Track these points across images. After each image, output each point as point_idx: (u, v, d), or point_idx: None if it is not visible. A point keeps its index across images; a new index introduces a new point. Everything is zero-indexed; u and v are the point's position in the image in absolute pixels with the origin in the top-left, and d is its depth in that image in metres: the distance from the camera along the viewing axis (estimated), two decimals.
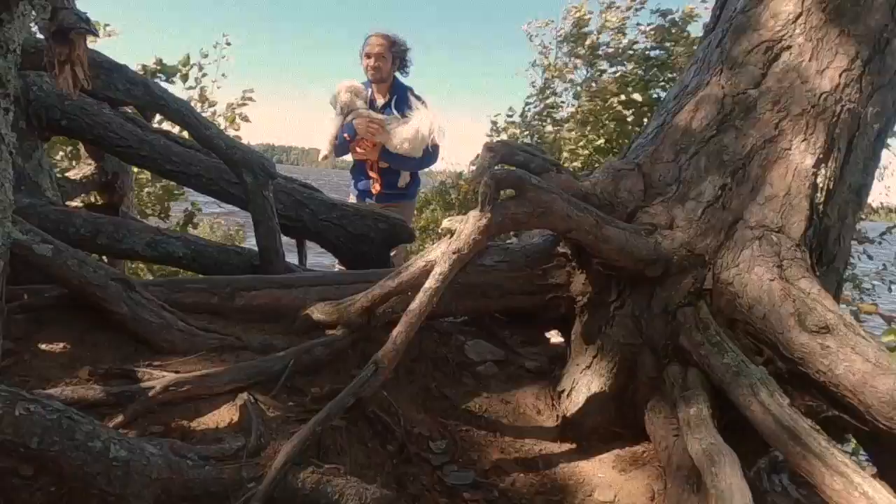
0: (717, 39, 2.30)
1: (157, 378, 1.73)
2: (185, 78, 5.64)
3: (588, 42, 6.65)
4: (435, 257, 1.93)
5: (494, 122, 7.51)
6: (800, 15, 2.13)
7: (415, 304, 1.85)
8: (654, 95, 6.44)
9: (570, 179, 2.15)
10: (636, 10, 6.67)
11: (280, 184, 2.88)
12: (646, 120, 6.40)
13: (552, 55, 7.08)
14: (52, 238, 1.92)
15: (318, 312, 2.13)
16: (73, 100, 2.12)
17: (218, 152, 2.43)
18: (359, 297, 2.06)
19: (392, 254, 3.26)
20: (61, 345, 1.93)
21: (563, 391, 2.23)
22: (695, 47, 6.49)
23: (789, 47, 2.13)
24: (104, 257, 2.77)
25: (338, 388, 1.92)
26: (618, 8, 6.73)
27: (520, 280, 2.29)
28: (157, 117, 2.93)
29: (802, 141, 2.08)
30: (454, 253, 1.86)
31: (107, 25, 5.24)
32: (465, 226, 1.87)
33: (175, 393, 1.71)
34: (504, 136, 7.56)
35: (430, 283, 1.86)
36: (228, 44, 5.90)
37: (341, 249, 3.06)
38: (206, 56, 5.72)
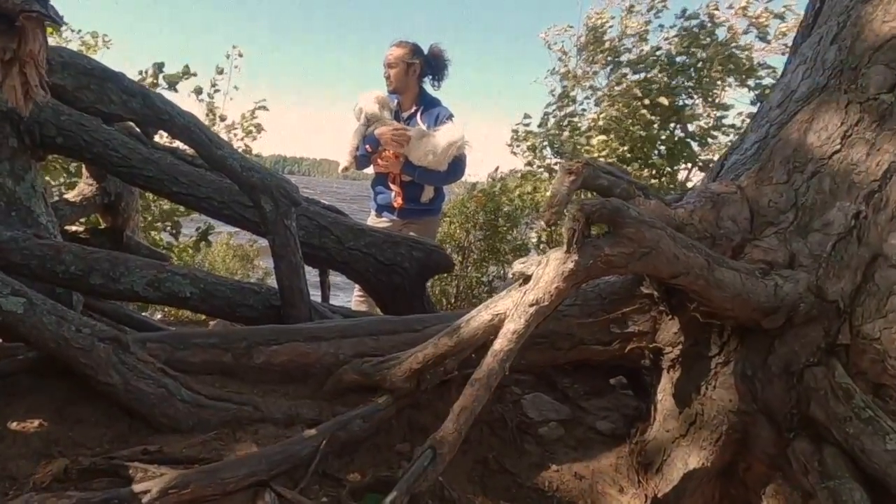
0: (830, 34, 1.85)
1: (152, 476, 1.29)
2: (198, 91, 5.32)
3: (607, 45, 6.21)
4: (505, 309, 1.49)
5: (516, 131, 7.06)
6: None
7: (482, 373, 1.41)
8: (680, 103, 6.00)
9: (660, 206, 1.70)
10: (657, 13, 6.24)
11: (301, 207, 2.45)
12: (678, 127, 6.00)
13: (572, 62, 6.62)
14: (25, 288, 1.49)
15: (353, 373, 1.69)
16: (24, 116, 1.68)
17: (231, 175, 2.00)
18: (405, 356, 1.61)
19: None
20: (36, 422, 1.49)
21: (650, 464, 1.78)
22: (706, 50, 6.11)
23: None
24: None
25: (382, 476, 1.49)
26: (638, 13, 6.30)
27: (594, 327, 1.84)
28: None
29: None
30: (531, 306, 1.41)
31: (105, 35, 4.87)
32: (545, 270, 1.42)
33: (178, 496, 1.27)
34: (524, 146, 7.12)
35: (500, 343, 1.41)
36: (240, 55, 5.60)
37: (371, 281, 2.63)
38: (221, 72, 5.43)
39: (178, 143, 2.89)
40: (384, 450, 1.64)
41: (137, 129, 2.56)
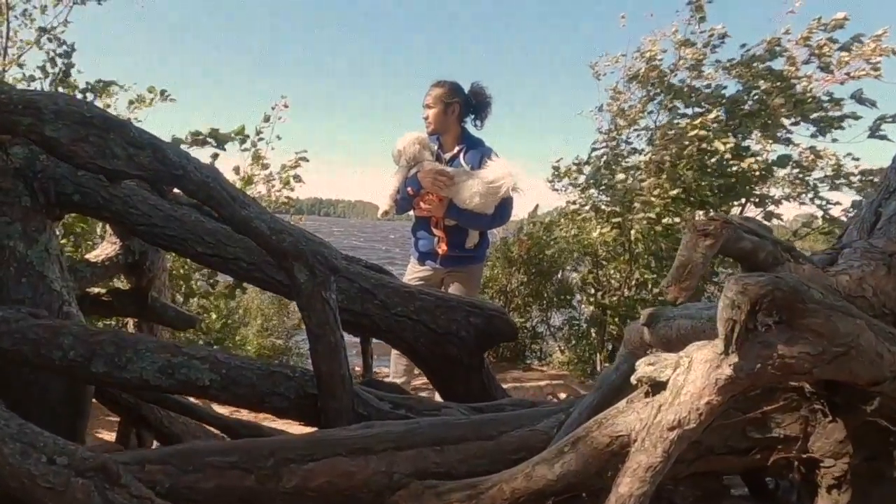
0: None
1: None
2: (243, 139, 5.18)
3: (655, 74, 5.77)
4: (629, 430, 1.03)
5: (556, 168, 6.64)
6: None
7: None
8: (743, 141, 5.49)
9: (816, 272, 1.25)
10: (714, 47, 5.80)
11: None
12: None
13: (622, 97, 6.19)
14: None
15: (414, 503, 1.24)
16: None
17: (258, 239, 1.63)
18: (485, 486, 1.16)
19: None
20: None
21: None
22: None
23: None
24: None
25: None
26: (694, 45, 5.87)
27: (727, 432, 1.37)
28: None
29: None
30: (671, 429, 0.96)
31: (163, 91, 4.74)
32: (689, 378, 0.97)
33: None
34: (566, 181, 6.69)
35: (629, 485, 0.96)
36: (286, 106, 5.45)
37: (421, 352, 2.20)
38: (267, 120, 5.27)
39: None
40: None
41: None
